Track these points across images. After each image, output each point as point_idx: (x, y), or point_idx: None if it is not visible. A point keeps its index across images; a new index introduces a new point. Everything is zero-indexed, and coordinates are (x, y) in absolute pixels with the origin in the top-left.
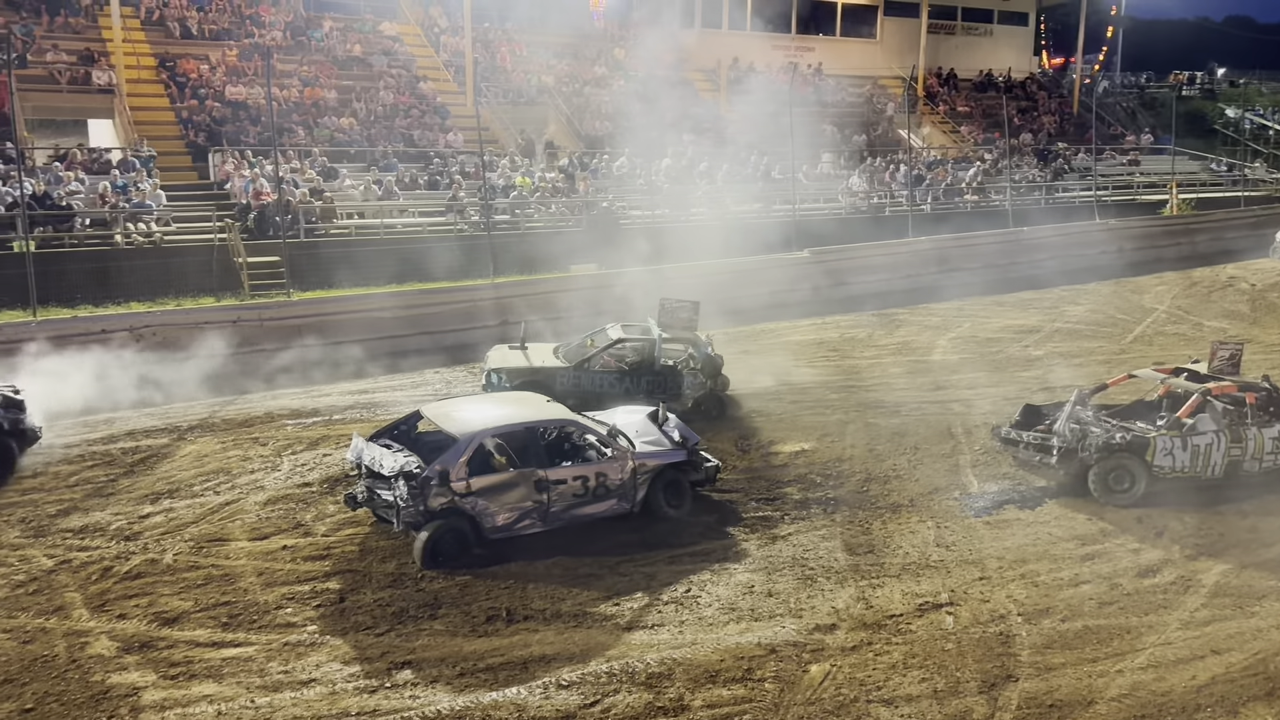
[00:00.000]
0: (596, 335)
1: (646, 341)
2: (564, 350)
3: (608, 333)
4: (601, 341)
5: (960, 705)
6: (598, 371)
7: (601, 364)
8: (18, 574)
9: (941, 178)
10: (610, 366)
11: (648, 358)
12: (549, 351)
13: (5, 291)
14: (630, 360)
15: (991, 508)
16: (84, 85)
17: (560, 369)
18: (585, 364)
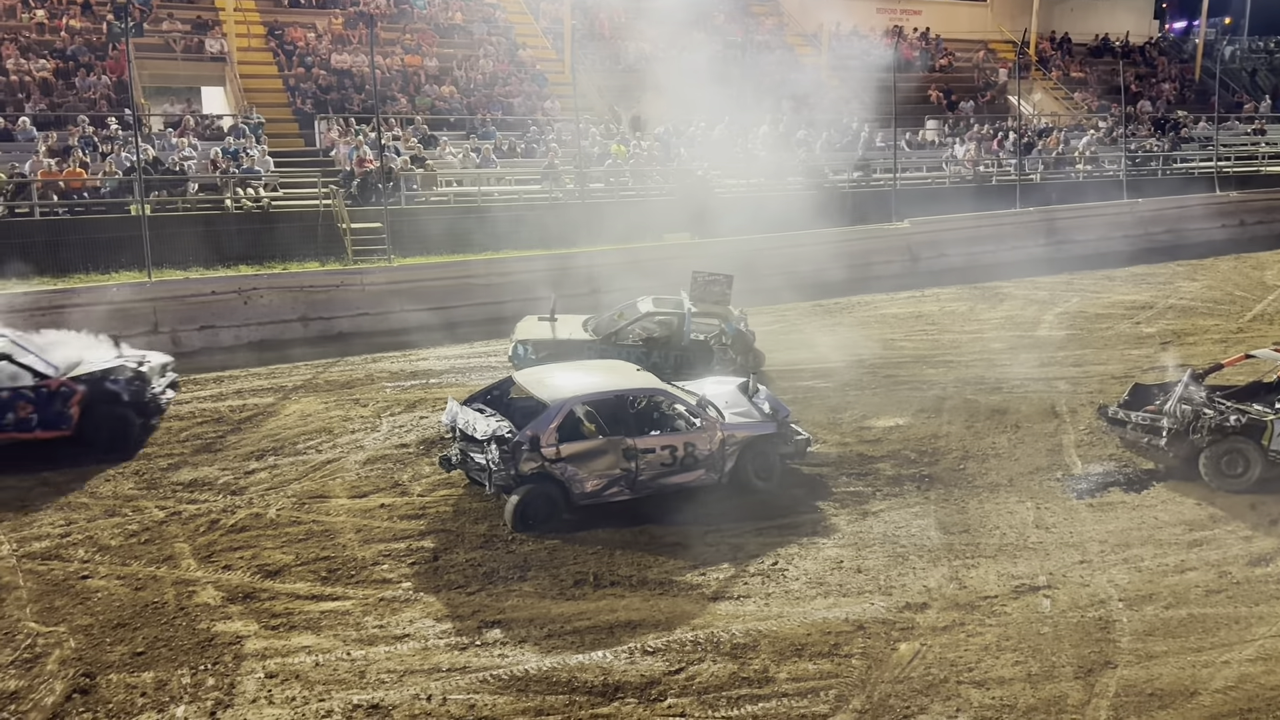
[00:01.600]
0: (626, 308)
1: (676, 316)
2: (593, 323)
3: (638, 306)
4: (631, 315)
5: (1055, 690)
6: (626, 345)
7: (631, 338)
8: (131, 524)
9: (1052, 146)
10: (639, 340)
11: (677, 332)
12: (578, 324)
13: (122, 253)
14: (659, 335)
15: (1095, 490)
16: (197, 53)
17: (588, 342)
18: (613, 337)
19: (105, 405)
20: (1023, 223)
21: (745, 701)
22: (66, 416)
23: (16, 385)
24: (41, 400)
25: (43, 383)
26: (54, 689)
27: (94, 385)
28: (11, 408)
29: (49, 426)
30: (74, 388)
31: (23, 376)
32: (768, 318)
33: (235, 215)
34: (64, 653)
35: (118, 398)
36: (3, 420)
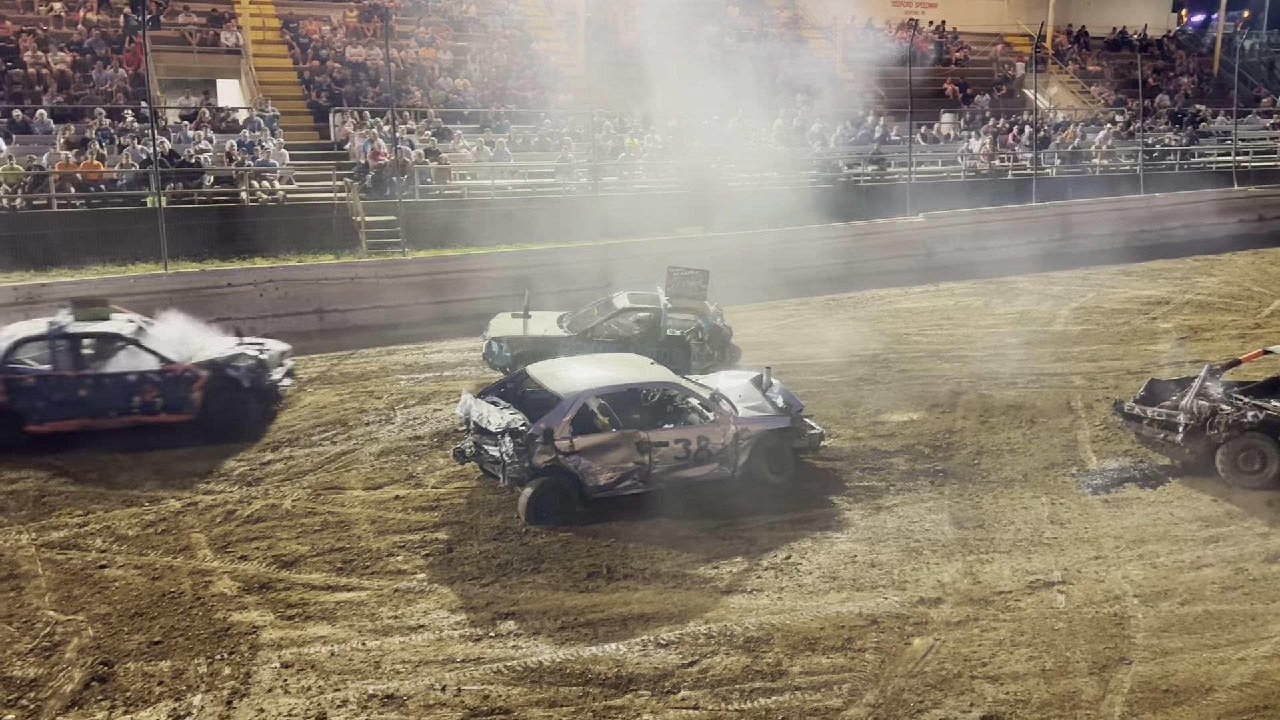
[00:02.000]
0: (602, 304)
1: (653, 312)
2: (568, 319)
3: (614, 302)
4: (607, 311)
5: (1069, 686)
6: (601, 342)
7: (606, 334)
8: (148, 514)
9: (1068, 140)
10: (615, 337)
11: (653, 328)
12: (553, 320)
13: (139, 245)
14: (635, 331)
15: (1110, 485)
16: (213, 46)
17: (563, 338)
18: (589, 334)
19: (226, 391)
20: (1038, 217)
21: (758, 695)
22: (190, 401)
23: (144, 369)
24: (167, 385)
25: (168, 368)
26: (73, 677)
27: (216, 371)
28: (139, 391)
29: (173, 410)
30: (197, 373)
31: (149, 361)
32: (781, 312)
33: (250, 208)
34: (82, 641)
35: (238, 384)
36: (130, 403)
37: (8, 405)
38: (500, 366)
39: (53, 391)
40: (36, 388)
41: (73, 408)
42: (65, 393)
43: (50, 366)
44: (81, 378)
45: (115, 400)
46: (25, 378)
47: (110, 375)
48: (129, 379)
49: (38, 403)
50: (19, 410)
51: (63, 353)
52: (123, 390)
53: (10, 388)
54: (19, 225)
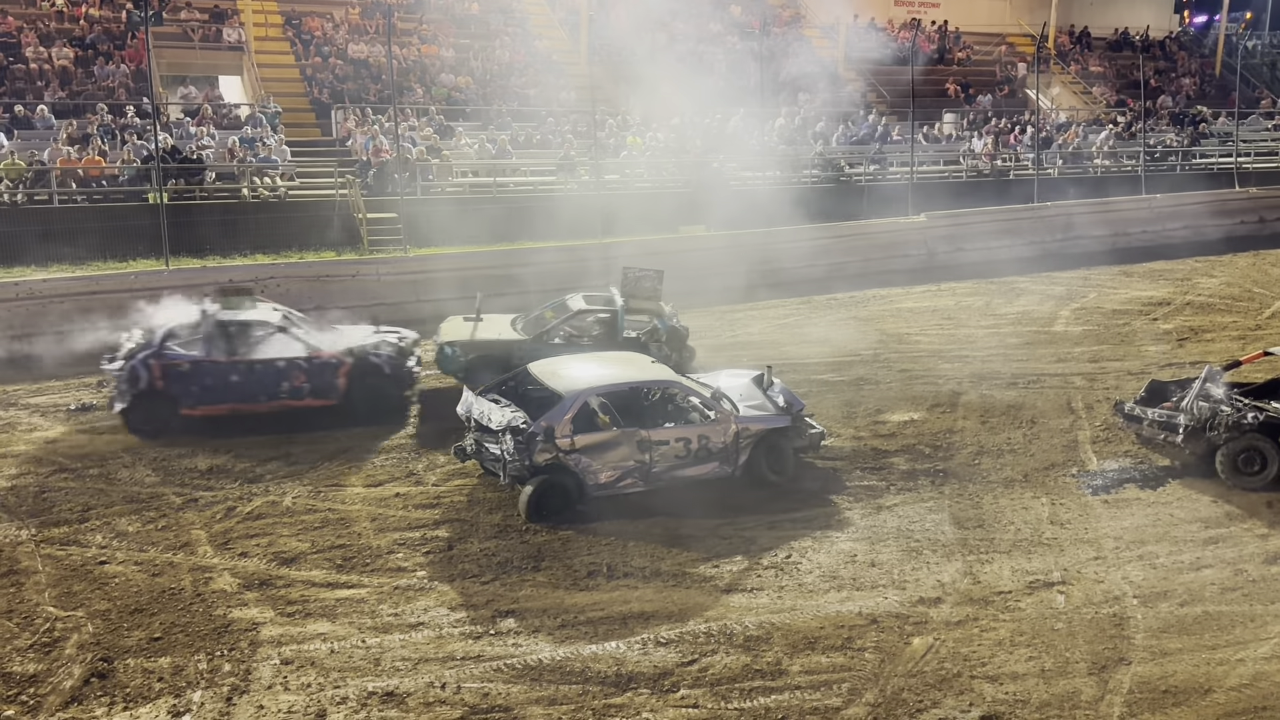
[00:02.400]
0: (556, 306)
1: (609, 313)
2: (522, 322)
3: (568, 304)
4: (562, 313)
5: (1068, 686)
6: (557, 345)
7: (561, 336)
8: (149, 510)
9: (1070, 141)
10: (570, 339)
11: (611, 329)
12: (506, 323)
13: (140, 240)
14: (592, 333)
15: (1110, 486)
16: (215, 42)
17: (517, 341)
18: (543, 336)
19: (369, 378)
20: (1040, 217)
21: (758, 694)
22: (335, 387)
23: (292, 356)
24: (314, 371)
25: (315, 354)
26: (72, 672)
27: (360, 358)
28: (288, 376)
29: (319, 395)
30: (343, 360)
31: (297, 348)
32: (782, 311)
33: (252, 204)
34: (82, 637)
35: (380, 371)
36: (279, 388)
37: (164, 390)
38: (452, 372)
39: (206, 377)
40: (191, 373)
41: (225, 392)
42: (218, 378)
43: (203, 353)
44: (234, 364)
45: (265, 385)
46: (180, 363)
47: (261, 361)
48: (278, 365)
49: (192, 387)
50: (174, 394)
51: (215, 339)
52: (272, 376)
53: (166, 373)
54: (20, 221)
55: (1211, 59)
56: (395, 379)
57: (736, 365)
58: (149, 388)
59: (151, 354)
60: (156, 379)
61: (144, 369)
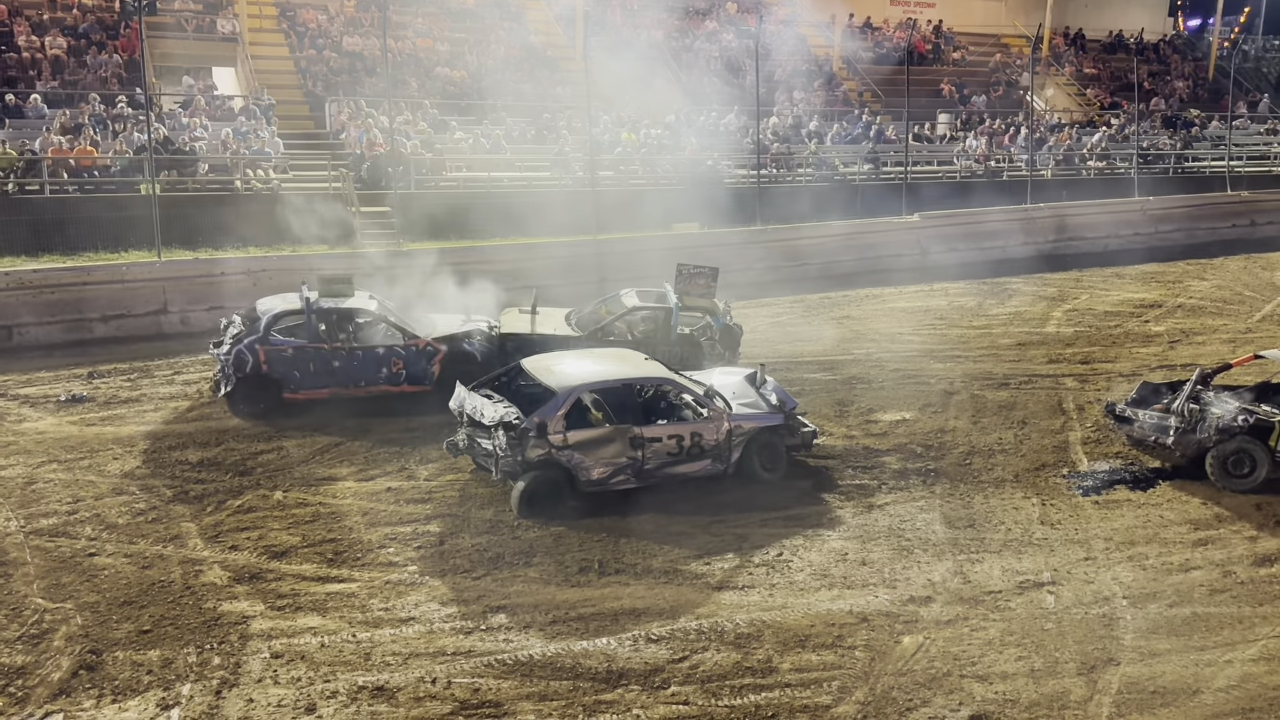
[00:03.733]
0: (610, 302)
1: (662, 310)
2: (576, 317)
3: (622, 300)
4: (615, 309)
5: (1057, 686)
6: (612, 341)
7: (616, 333)
8: (139, 502)
9: (1063, 142)
10: (624, 336)
11: (663, 327)
12: (561, 318)
13: (132, 232)
14: (644, 330)
15: (1101, 487)
16: (209, 33)
17: (571, 337)
18: (598, 333)
19: (462, 364)
20: (1033, 219)
21: (748, 691)
22: (429, 373)
23: (391, 343)
24: (411, 358)
25: (412, 342)
26: (60, 665)
27: (454, 345)
28: (387, 363)
29: (415, 382)
30: (438, 347)
31: (396, 335)
32: (775, 309)
33: (245, 196)
34: (71, 629)
35: (473, 358)
36: (378, 374)
37: (269, 374)
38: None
39: (309, 362)
40: (295, 358)
41: (327, 377)
42: (320, 363)
43: (306, 339)
44: (335, 350)
45: (365, 371)
46: (285, 349)
47: (361, 348)
48: (378, 352)
49: (295, 372)
50: (279, 378)
51: (317, 326)
52: (372, 362)
53: (271, 358)
54: (12, 210)
55: (1205, 62)
56: (486, 366)
57: (729, 363)
58: (254, 372)
59: (257, 339)
60: (262, 363)
61: (250, 354)
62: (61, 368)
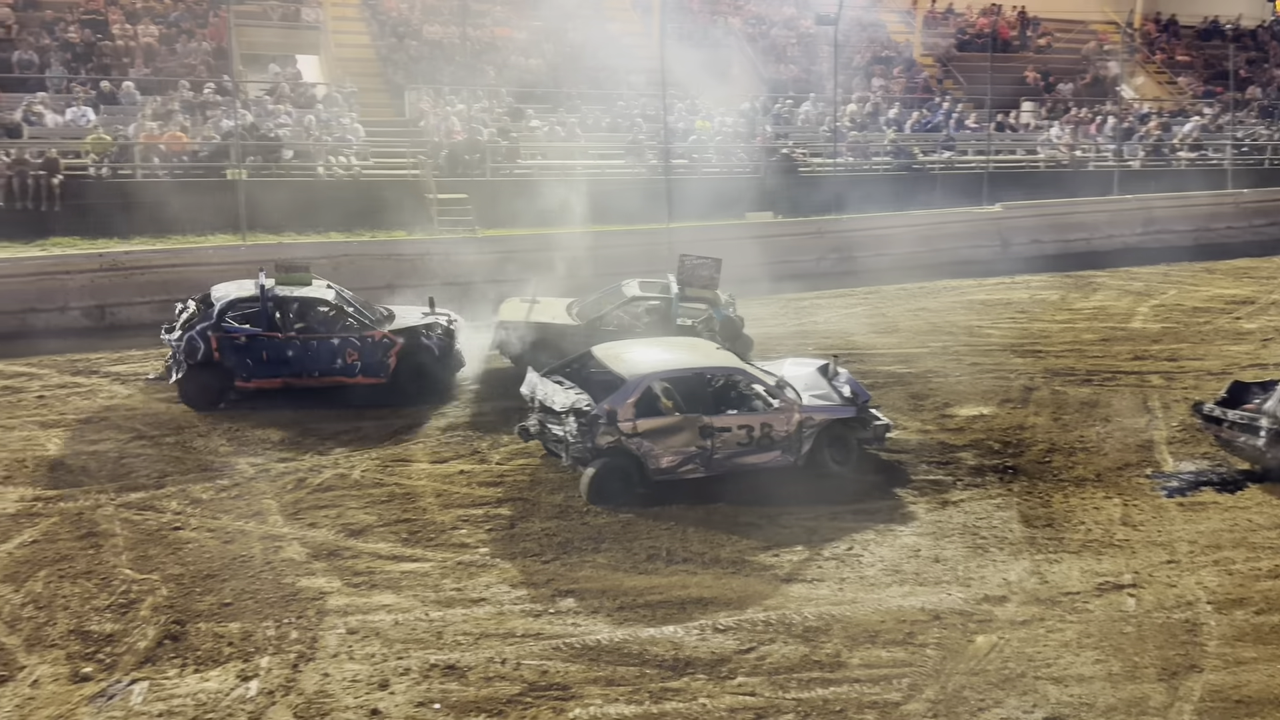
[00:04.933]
0: (611, 292)
1: (663, 301)
2: (578, 307)
3: (622, 290)
4: (616, 299)
5: (1136, 691)
6: (610, 331)
7: (615, 323)
8: (222, 479)
9: (1154, 132)
10: (624, 326)
11: (664, 317)
12: (562, 308)
13: (219, 216)
14: (644, 320)
15: (1186, 488)
16: (294, 22)
17: (570, 327)
18: (597, 322)
19: (419, 357)
20: (1119, 210)
21: (816, 685)
22: (385, 365)
23: (346, 333)
24: (366, 349)
25: (368, 333)
26: (147, 634)
27: (411, 338)
28: (341, 354)
29: (370, 374)
30: (394, 339)
31: (351, 326)
32: (850, 300)
33: (327, 182)
34: (156, 600)
35: (430, 352)
36: (332, 364)
37: (221, 361)
38: (509, 354)
39: (262, 350)
40: (247, 346)
41: (279, 366)
42: (273, 352)
43: (260, 327)
44: (289, 339)
45: (319, 361)
46: (237, 337)
47: (316, 337)
48: (332, 342)
49: (247, 360)
50: (230, 366)
51: (271, 314)
52: (326, 352)
53: (223, 345)
54: (105, 194)
55: None
56: (444, 360)
57: (802, 354)
58: (206, 359)
59: (209, 326)
60: (214, 351)
61: (202, 340)
62: (151, 347)
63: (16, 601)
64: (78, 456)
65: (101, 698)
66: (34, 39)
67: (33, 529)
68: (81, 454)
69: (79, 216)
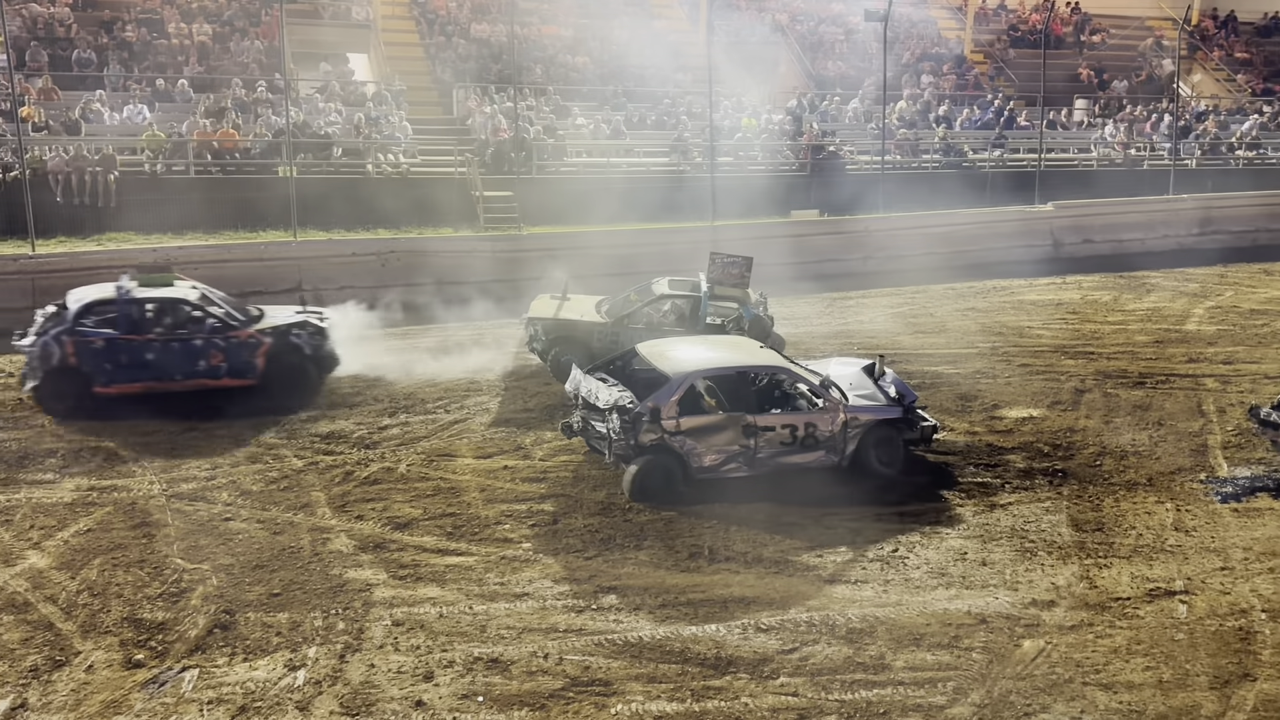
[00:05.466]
0: (641, 290)
1: (691, 299)
2: (607, 305)
3: (653, 288)
4: (645, 297)
5: (1187, 699)
6: (638, 329)
7: (644, 321)
8: (272, 471)
9: (1211, 130)
10: (652, 324)
11: (692, 316)
12: (591, 305)
13: (270, 212)
14: (673, 318)
15: (1241, 494)
16: (344, 20)
17: (599, 324)
18: (626, 320)
19: (289, 357)
20: (1175, 210)
21: (859, 686)
22: (253, 366)
23: (210, 334)
24: (232, 350)
25: (233, 333)
26: (197, 623)
27: (280, 338)
28: (204, 355)
29: (237, 375)
30: (261, 339)
31: (215, 326)
32: (897, 299)
33: (375, 180)
34: (207, 589)
35: (300, 351)
36: (196, 366)
37: (78, 366)
38: (538, 351)
39: (120, 354)
40: (105, 350)
41: (139, 370)
42: (132, 355)
43: (118, 330)
44: (149, 341)
45: (181, 364)
46: (94, 340)
47: (177, 339)
48: (195, 343)
49: (105, 364)
50: (88, 371)
51: (130, 317)
52: (189, 354)
53: (80, 349)
54: (159, 190)
55: None
56: (316, 359)
57: (847, 354)
58: (61, 364)
59: (64, 330)
60: (70, 355)
61: (57, 345)
62: None
63: (72, 588)
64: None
65: (153, 684)
66: (92, 38)
67: (90, 516)
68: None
69: (134, 212)
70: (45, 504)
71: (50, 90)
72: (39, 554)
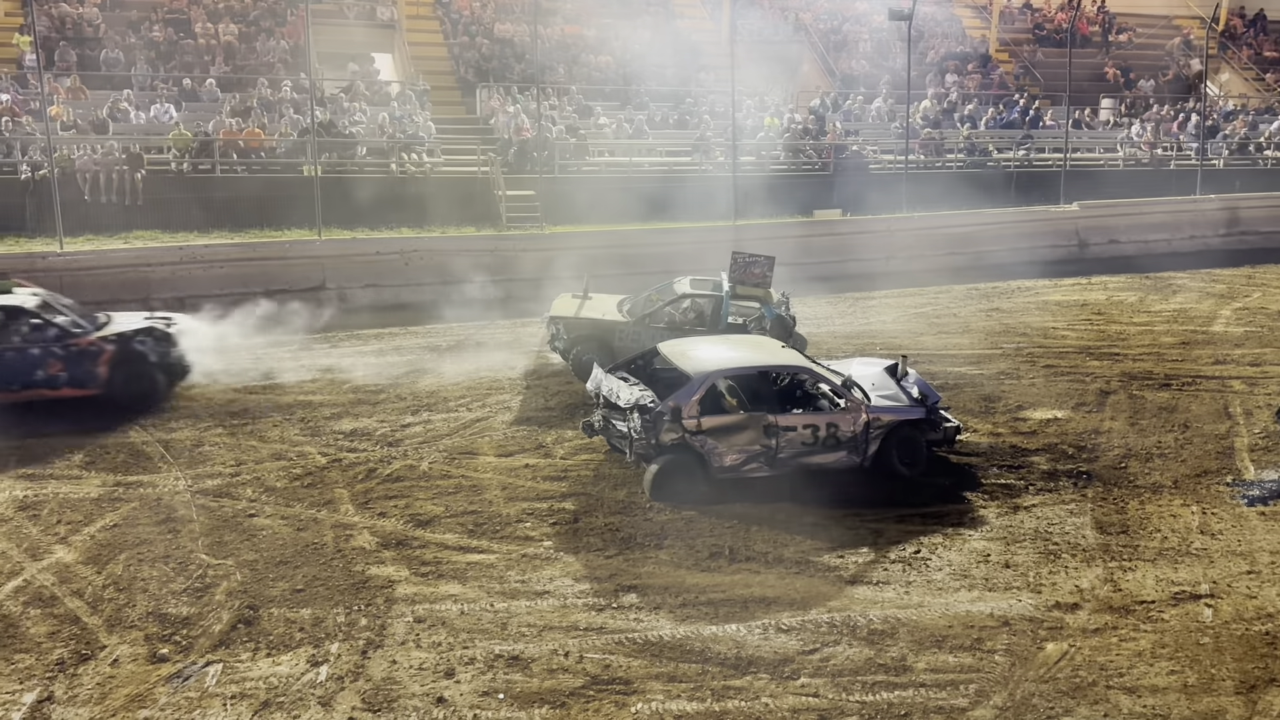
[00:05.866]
0: (663, 289)
1: (714, 298)
2: (629, 304)
3: (674, 287)
4: (667, 296)
5: (1213, 704)
6: (660, 328)
7: (665, 320)
8: (296, 468)
9: (1239, 130)
10: (674, 323)
11: (714, 315)
12: (613, 304)
13: (294, 211)
14: (694, 318)
15: (1268, 497)
16: (369, 20)
17: (620, 323)
18: (647, 319)
19: (133, 365)
20: (1202, 211)
21: (880, 688)
22: (95, 375)
23: (47, 343)
24: (72, 358)
25: (73, 341)
26: (221, 618)
27: (123, 345)
28: (42, 365)
29: (78, 384)
30: (103, 346)
31: (53, 335)
32: (920, 299)
33: (399, 179)
34: (231, 585)
35: (145, 358)
36: (32, 377)
37: None
38: (559, 350)
39: None
40: None
41: None
42: None
43: None
44: None
45: (17, 374)
46: None
47: (12, 349)
48: (31, 352)
49: None
50: None
51: None
52: (24, 364)
53: None
54: (186, 188)
55: None
56: (162, 366)
57: (869, 354)
58: None
59: None
60: None
61: None
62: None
63: (98, 583)
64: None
65: (177, 678)
66: (120, 38)
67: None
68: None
69: (160, 210)
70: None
71: (78, 89)
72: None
